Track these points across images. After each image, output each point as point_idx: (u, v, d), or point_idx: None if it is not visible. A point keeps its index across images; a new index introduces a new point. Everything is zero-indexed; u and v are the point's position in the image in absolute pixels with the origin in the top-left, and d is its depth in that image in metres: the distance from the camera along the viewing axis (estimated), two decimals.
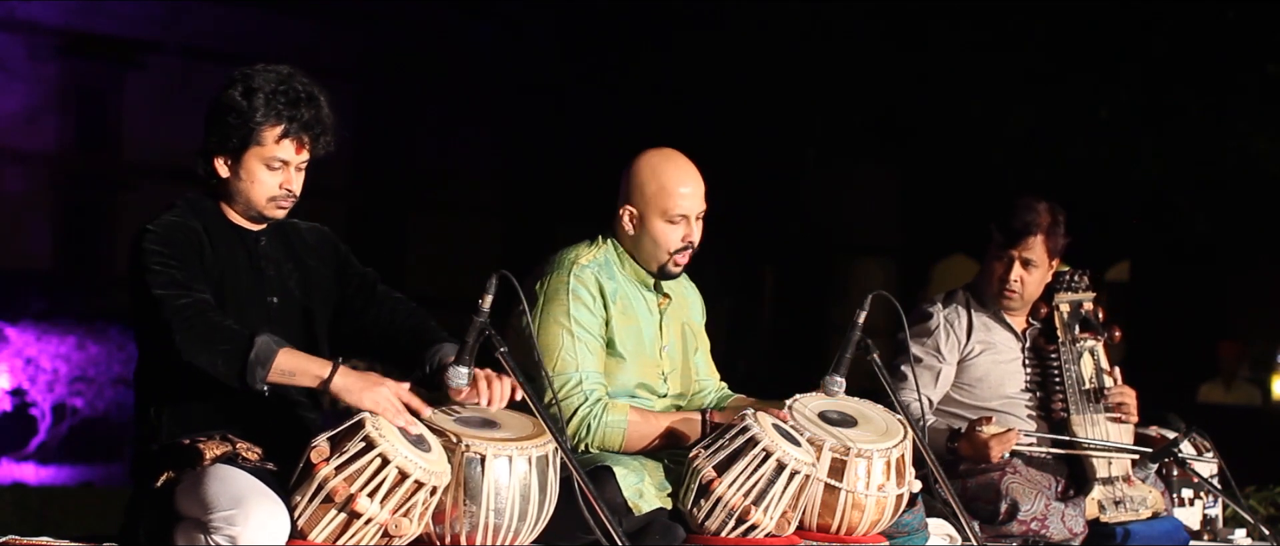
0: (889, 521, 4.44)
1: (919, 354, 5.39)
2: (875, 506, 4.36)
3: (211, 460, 3.77)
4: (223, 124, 3.93)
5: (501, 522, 3.83)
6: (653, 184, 4.51)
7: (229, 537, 3.63)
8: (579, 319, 4.40)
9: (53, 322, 16.83)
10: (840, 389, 4.51)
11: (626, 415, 4.38)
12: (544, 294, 4.44)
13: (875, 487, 4.36)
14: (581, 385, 4.36)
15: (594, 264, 4.50)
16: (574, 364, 4.36)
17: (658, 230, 4.51)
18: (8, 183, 20.16)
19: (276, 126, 3.94)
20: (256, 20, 20.83)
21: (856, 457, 4.34)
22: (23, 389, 16.53)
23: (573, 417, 4.33)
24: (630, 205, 4.53)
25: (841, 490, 4.34)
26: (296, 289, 4.10)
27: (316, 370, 3.76)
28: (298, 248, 4.15)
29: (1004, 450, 5.18)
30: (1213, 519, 5.88)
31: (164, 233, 3.89)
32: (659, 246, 4.52)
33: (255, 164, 3.96)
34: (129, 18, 20.71)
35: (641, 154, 4.59)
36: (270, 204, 4.00)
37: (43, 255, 20.69)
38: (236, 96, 3.93)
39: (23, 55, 19.75)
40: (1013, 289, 5.38)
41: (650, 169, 4.54)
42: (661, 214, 4.50)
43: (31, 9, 19.77)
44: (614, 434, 4.37)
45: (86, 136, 21.63)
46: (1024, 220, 5.32)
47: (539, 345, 4.30)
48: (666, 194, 4.50)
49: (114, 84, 21.64)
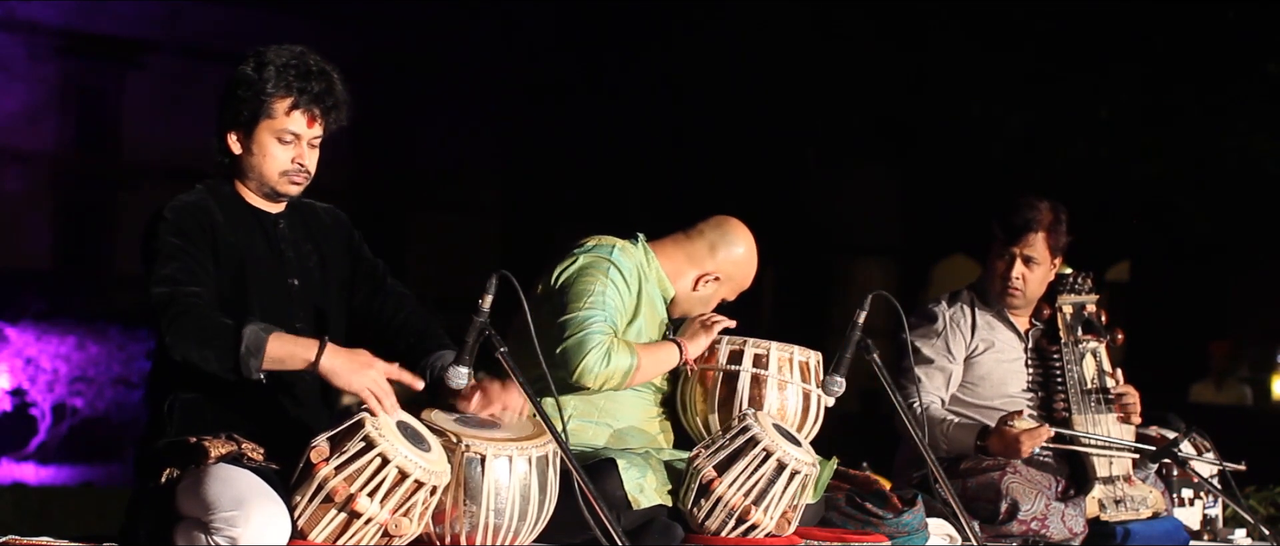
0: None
1: (930, 354, 5.40)
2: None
3: (215, 459, 3.76)
4: (235, 98, 3.95)
5: (501, 522, 3.83)
6: (747, 272, 4.74)
7: (230, 538, 3.63)
8: (616, 283, 4.50)
9: (53, 322, 16.84)
10: (841, 389, 4.52)
11: (634, 354, 4.44)
12: (585, 257, 4.53)
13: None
14: (606, 320, 4.42)
15: (635, 258, 4.60)
16: (601, 304, 4.44)
17: (711, 300, 4.73)
18: (8, 183, 20.16)
19: (287, 98, 3.95)
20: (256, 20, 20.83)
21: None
22: (23, 389, 16.54)
23: (592, 347, 4.36)
24: (720, 273, 4.69)
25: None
26: (316, 270, 4.10)
27: (304, 352, 3.76)
28: (315, 229, 4.15)
29: (1034, 445, 5.19)
30: (1213, 519, 5.88)
31: (176, 219, 3.89)
32: (704, 307, 4.72)
33: (267, 137, 3.96)
34: (129, 18, 20.72)
35: (743, 231, 4.74)
36: (283, 179, 4.00)
37: (43, 255, 20.70)
38: (248, 71, 3.95)
39: (23, 55, 19.76)
40: (1015, 286, 5.38)
41: (753, 254, 4.74)
42: (729, 292, 4.74)
43: (31, 9, 19.77)
44: (626, 368, 4.41)
45: (86, 136, 21.64)
46: (1025, 217, 5.33)
47: (568, 295, 4.43)
48: (743, 284, 4.75)
49: (114, 84, 21.65)
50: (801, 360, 4.57)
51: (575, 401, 4.48)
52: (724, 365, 4.56)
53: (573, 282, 4.47)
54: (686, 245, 4.70)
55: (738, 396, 4.51)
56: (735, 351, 4.57)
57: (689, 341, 4.59)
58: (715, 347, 4.59)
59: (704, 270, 4.68)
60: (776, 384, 4.52)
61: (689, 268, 4.68)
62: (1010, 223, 5.34)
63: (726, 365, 4.55)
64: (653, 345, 4.57)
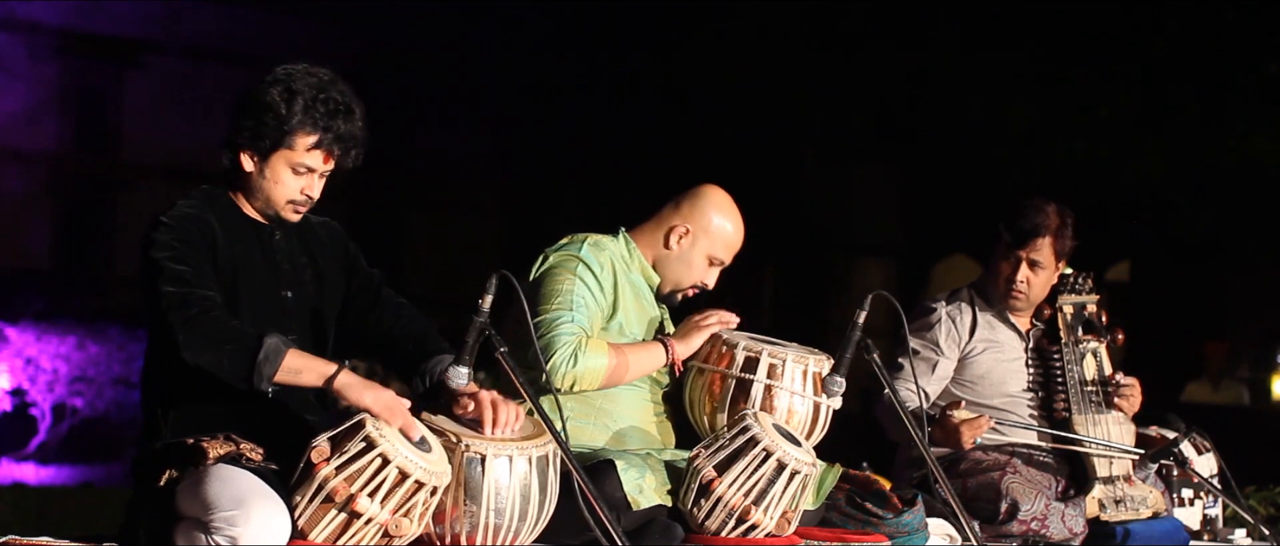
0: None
1: (916, 346, 5.40)
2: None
3: (214, 459, 3.76)
4: (259, 122, 3.91)
5: (502, 522, 3.82)
6: (720, 223, 4.64)
7: (230, 538, 3.62)
8: (585, 279, 4.47)
9: (53, 322, 16.85)
10: (841, 389, 4.52)
11: (608, 354, 4.42)
12: (555, 256, 4.52)
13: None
14: (573, 321, 4.40)
15: (611, 250, 4.58)
16: (569, 304, 4.42)
17: (698, 263, 4.65)
18: (8, 183, 20.18)
19: (311, 135, 3.93)
20: (256, 20, 20.84)
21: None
22: (23, 389, 16.55)
23: (558, 348, 4.35)
24: (688, 226, 4.62)
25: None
26: (310, 283, 4.10)
27: (322, 368, 3.76)
28: (311, 242, 4.15)
29: (975, 435, 5.18)
30: (1213, 519, 5.88)
31: (176, 225, 3.87)
32: (689, 274, 4.66)
33: (281, 166, 3.95)
34: (129, 18, 20.74)
35: (714, 188, 4.69)
36: (288, 206, 3.99)
37: (43, 255, 20.72)
38: (277, 97, 3.90)
39: (23, 55, 19.77)
40: (1019, 289, 5.39)
41: (726, 210, 4.66)
42: (710, 251, 4.64)
43: (31, 9, 19.79)
44: (596, 368, 4.38)
45: (86, 136, 21.66)
46: (1033, 222, 5.33)
47: (542, 292, 4.41)
48: (727, 240, 4.66)
49: (114, 84, 21.67)
50: (816, 371, 4.54)
51: (572, 402, 4.45)
52: (738, 372, 4.53)
53: (541, 283, 4.47)
54: (657, 216, 4.68)
55: (750, 405, 4.48)
56: (751, 358, 4.50)
57: (680, 341, 4.57)
58: (731, 352, 4.53)
59: (672, 225, 4.65)
60: (788, 394, 4.50)
61: (659, 231, 4.65)
62: (1018, 227, 5.33)
63: (740, 372, 4.52)
64: (636, 345, 4.54)
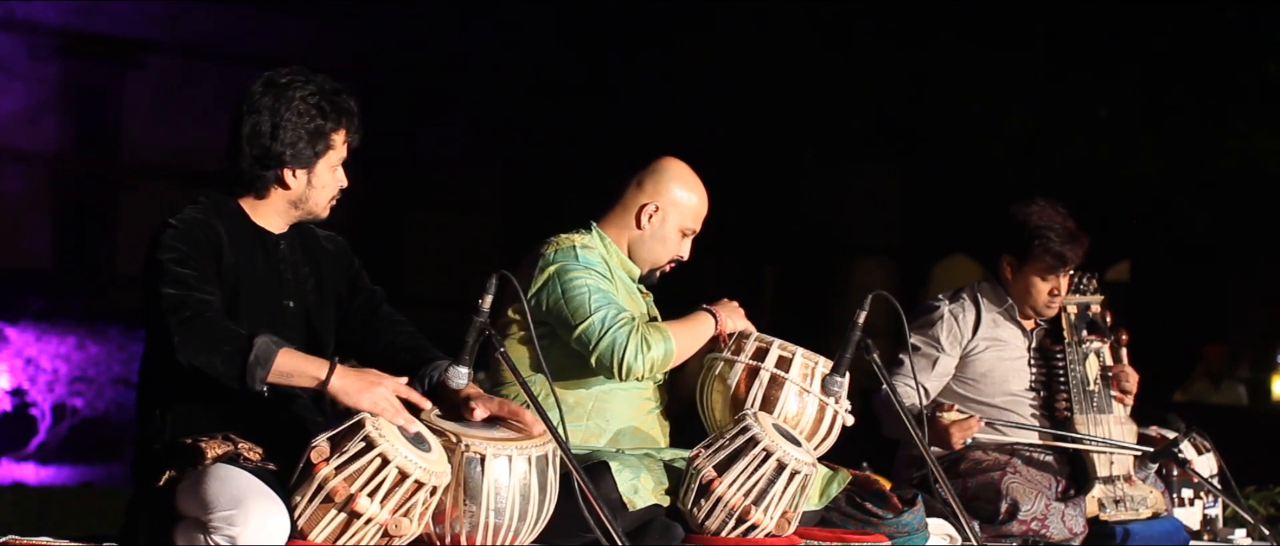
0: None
1: (917, 342, 5.43)
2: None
3: (213, 459, 3.77)
4: (308, 137, 3.96)
5: (501, 522, 3.82)
6: (685, 194, 4.64)
7: (229, 538, 3.63)
8: (595, 270, 4.48)
9: (53, 322, 16.84)
10: (841, 389, 4.52)
11: (672, 337, 4.44)
12: (556, 265, 4.49)
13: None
14: (623, 313, 4.41)
15: (597, 249, 4.58)
16: (606, 299, 4.43)
17: (671, 237, 4.65)
18: (8, 183, 20.19)
19: (341, 130, 4.02)
20: (256, 20, 20.85)
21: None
22: (23, 389, 16.54)
23: (626, 342, 4.36)
24: (656, 203, 4.62)
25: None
26: (312, 294, 4.11)
27: (314, 371, 3.76)
28: (316, 253, 4.16)
29: (965, 436, 5.20)
30: (1213, 519, 5.89)
31: (184, 229, 3.88)
32: (665, 250, 4.65)
33: (324, 169, 4.02)
34: (129, 18, 20.74)
35: (671, 160, 4.69)
36: (329, 204, 4.08)
37: (43, 255, 20.72)
38: (314, 113, 3.95)
39: (23, 55, 19.79)
40: (1057, 304, 5.47)
41: (688, 179, 4.67)
42: (680, 223, 4.64)
43: (31, 9, 19.80)
44: (667, 347, 4.41)
45: (86, 136, 21.66)
46: (1077, 251, 5.42)
47: (567, 310, 4.40)
48: (695, 209, 4.66)
49: (114, 84, 21.67)
50: (824, 372, 4.55)
51: (566, 402, 4.44)
52: (748, 359, 4.53)
53: (561, 291, 4.45)
54: (621, 201, 4.67)
55: (753, 394, 4.49)
56: (761, 348, 4.53)
57: (723, 309, 4.60)
58: (742, 341, 4.56)
59: (640, 205, 4.64)
60: (796, 390, 4.50)
61: (628, 214, 4.65)
62: (1063, 254, 5.39)
63: (750, 360, 4.53)
64: (684, 320, 4.57)
